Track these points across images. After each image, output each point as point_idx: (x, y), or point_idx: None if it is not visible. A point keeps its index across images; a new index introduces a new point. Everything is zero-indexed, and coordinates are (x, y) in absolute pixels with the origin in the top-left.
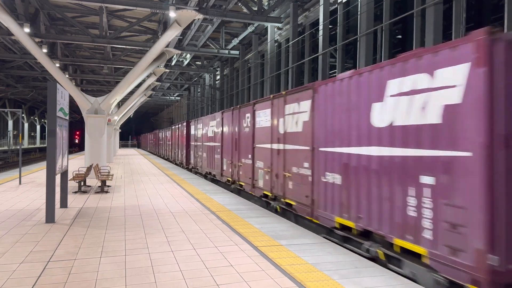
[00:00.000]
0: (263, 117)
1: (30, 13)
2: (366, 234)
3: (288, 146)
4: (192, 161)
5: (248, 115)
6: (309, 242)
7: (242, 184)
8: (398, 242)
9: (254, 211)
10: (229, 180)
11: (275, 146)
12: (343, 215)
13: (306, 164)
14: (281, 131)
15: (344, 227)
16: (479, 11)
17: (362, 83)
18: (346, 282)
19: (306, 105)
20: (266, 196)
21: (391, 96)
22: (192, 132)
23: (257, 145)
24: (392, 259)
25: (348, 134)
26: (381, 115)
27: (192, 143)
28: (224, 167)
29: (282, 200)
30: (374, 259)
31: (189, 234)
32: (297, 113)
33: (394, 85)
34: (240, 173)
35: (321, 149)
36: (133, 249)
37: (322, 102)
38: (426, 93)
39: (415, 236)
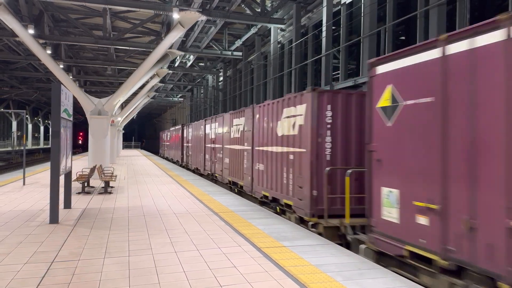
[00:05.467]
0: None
1: (34, 15)
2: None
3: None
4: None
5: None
6: (311, 243)
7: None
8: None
9: (257, 212)
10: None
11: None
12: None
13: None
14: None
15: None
16: (483, 12)
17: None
18: (350, 284)
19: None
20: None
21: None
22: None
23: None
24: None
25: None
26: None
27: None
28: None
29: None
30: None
31: (192, 235)
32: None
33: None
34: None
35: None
36: (136, 250)
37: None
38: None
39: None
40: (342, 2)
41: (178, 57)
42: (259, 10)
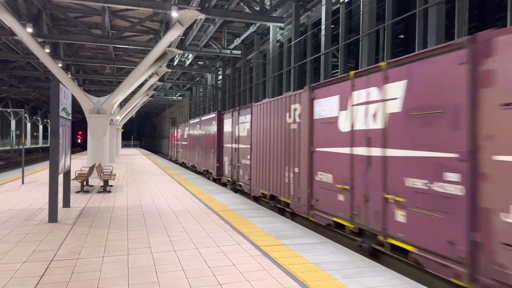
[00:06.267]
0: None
1: (32, 14)
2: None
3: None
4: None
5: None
6: (311, 241)
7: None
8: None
9: (256, 211)
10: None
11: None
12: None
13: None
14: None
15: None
16: (482, 10)
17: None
18: (349, 282)
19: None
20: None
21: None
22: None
23: (225, 145)
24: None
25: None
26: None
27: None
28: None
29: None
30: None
31: (191, 234)
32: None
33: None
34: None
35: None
36: (135, 249)
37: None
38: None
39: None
40: (341, 1)
41: (177, 56)
42: (258, 8)
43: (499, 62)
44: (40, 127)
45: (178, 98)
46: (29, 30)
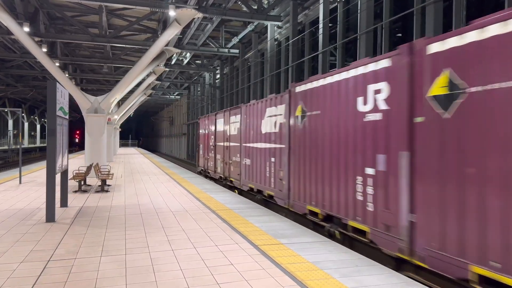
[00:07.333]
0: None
1: (29, 12)
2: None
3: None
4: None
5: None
6: (309, 240)
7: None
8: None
9: (255, 210)
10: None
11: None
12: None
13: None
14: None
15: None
16: (480, 8)
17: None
18: (347, 281)
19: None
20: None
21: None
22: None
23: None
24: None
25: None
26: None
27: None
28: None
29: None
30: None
31: (189, 233)
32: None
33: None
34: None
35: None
36: (133, 248)
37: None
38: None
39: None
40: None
41: (174, 55)
42: (255, 7)
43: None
44: (38, 126)
45: (176, 97)
46: (26, 29)
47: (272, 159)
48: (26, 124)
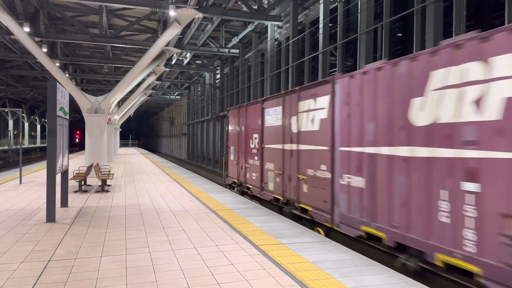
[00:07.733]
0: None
1: (29, 13)
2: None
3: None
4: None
5: None
6: (309, 240)
7: None
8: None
9: (255, 210)
10: None
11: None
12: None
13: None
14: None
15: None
16: (480, 8)
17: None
18: (347, 281)
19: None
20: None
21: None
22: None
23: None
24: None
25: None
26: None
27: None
28: None
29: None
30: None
31: (189, 233)
32: (312, 110)
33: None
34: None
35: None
36: (133, 248)
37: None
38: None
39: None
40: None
41: (175, 55)
42: (256, 7)
43: None
44: (38, 126)
45: (176, 97)
46: (26, 29)
47: (471, 186)
48: (26, 124)
